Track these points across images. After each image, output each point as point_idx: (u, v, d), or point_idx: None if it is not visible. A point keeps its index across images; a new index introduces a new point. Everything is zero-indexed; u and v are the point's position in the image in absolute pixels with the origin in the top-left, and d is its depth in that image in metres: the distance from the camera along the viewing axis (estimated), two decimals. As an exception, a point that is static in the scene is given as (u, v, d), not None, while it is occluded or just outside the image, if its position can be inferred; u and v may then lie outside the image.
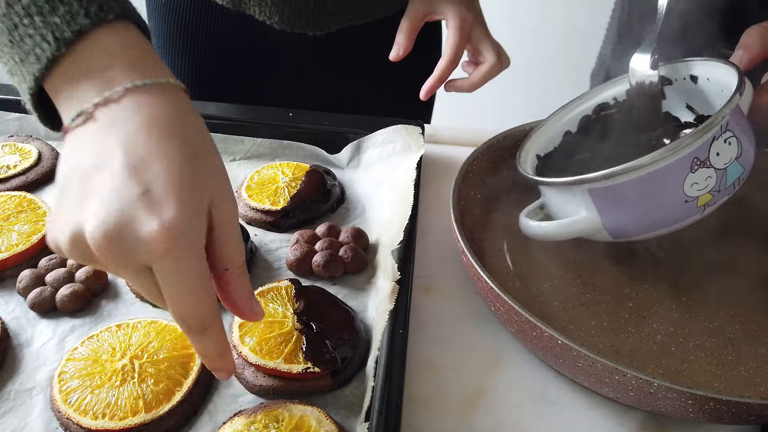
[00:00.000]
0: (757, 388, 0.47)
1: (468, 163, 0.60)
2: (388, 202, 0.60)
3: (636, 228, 0.49)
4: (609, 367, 0.41)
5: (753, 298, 0.54)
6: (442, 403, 0.46)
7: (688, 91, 0.56)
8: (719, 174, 0.47)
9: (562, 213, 0.52)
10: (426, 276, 0.57)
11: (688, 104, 0.57)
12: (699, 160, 0.46)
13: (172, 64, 0.78)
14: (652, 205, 0.48)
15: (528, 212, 0.56)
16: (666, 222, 0.49)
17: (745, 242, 0.60)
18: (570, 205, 0.51)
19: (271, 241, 0.58)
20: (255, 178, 0.63)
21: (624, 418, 0.46)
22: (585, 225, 0.50)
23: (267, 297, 0.49)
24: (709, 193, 0.47)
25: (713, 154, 0.46)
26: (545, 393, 0.48)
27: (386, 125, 0.66)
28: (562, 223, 0.51)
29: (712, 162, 0.46)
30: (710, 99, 0.54)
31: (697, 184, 0.46)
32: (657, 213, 0.48)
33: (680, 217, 0.48)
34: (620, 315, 0.53)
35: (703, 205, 0.48)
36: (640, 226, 0.49)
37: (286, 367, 0.43)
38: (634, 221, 0.49)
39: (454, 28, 0.65)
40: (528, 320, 0.44)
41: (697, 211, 0.48)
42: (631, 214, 0.48)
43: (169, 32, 0.76)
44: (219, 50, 0.75)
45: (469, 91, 0.68)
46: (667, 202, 0.47)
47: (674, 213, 0.48)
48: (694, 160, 0.46)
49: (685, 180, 0.46)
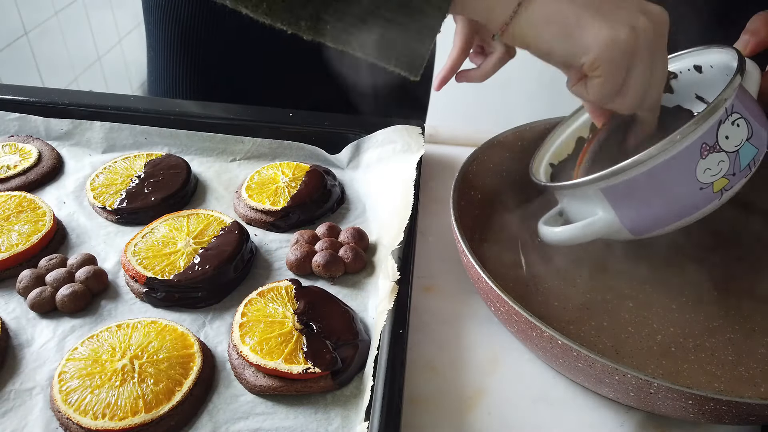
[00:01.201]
0: (757, 389, 0.47)
1: (468, 163, 0.60)
2: (389, 202, 0.60)
3: (655, 222, 0.48)
4: (609, 367, 0.41)
5: (753, 298, 0.54)
6: (442, 403, 0.46)
7: (695, 81, 0.55)
8: (731, 157, 0.46)
9: (580, 217, 0.51)
10: (426, 276, 0.57)
11: (698, 95, 0.56)
12: (708, 145, 0.45)
13: (172, 64, 0.78)
14: (666, 196, 0.47)
15: (546, 219, 0.55)
16: (685, 212, 0.47)
17: (745, 242, 0.60)
18: (586, 207, 0.50)
19: (271, 241, 0.58)
20: (255, 179, 0.63)
21: (624, 419, 0.46)
22: (603, 225, 0.49)
23: (267, 297, 0.49)
24: (723, 178, 0.46)
25: (722, 138, 0.45)
26: (545, 393, 0.48)
27: (386, 125, 0.66)
28: (579, 225, 0.50)
29: (722, 145, 0.45)
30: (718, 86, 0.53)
31: (709, 169, 0.45)
32: (673, 204, 0.47)
33: (698, 205, 0.47)
34: (620, 315, 0.53)
35: (719, 191, 0.46)
36: (659, 220, 0.48)
37: (287, 367, 0.43)
38: (651, 215, 0.48)
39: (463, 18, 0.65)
40: (528, 320, 0.44)
41: (715, 197, 0.47)
42: (648, 209, 0.47)
43: (169, 32, 0.76)
44: (220, 50, 0.75)
45: (480, 80, 0.67)
46: (682, 191, 0.46)
47: (691, 202, 0.47)
48: (703, 145, 0.45)
49: (697, 166, 0.45)
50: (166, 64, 0.78)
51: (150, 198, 0.60)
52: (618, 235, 0.50)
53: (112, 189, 0.61)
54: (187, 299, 0.50)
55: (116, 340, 0.45)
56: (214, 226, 0.56)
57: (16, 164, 0.63)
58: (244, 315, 0.48)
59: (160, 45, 0.78)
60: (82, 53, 1.75)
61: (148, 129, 0.68)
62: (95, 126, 0.68)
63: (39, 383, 0.44)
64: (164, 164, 0.63)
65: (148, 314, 0.50)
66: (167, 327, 0.47)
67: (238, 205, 0.61)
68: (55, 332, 0.48)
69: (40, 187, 0.63)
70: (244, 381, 0.44)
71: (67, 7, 1.65)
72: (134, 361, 0.43)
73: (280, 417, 0.43)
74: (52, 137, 0.68)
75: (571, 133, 0.61)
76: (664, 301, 0.54)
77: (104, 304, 0.51)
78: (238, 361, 0.45)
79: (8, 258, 0.52)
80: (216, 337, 0.49)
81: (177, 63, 0.77)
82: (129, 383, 0.42)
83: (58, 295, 0.49)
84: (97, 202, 0.60)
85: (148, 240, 0.54)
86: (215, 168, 0.67)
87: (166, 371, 0.43)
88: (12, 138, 0.67)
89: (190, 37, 0.75)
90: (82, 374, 0.43)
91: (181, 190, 0.61)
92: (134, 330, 0.46)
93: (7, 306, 0.50)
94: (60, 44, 1.65)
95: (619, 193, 0.47)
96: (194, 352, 0.45)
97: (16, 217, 0.55)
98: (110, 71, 1.89)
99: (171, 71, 0.78)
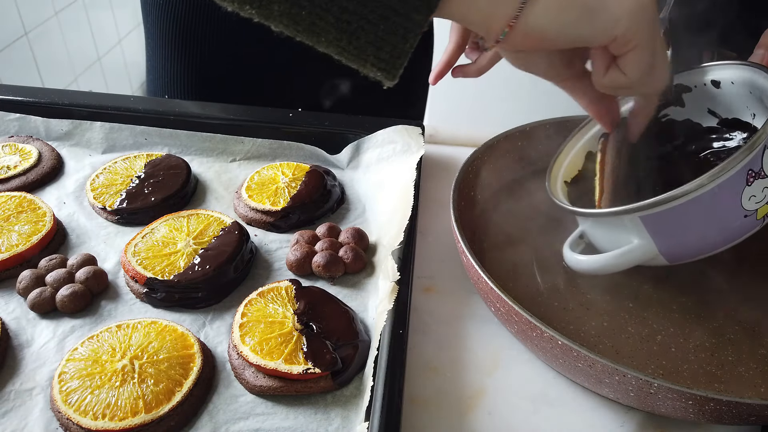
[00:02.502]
0: (757, 389, 0.47)
1: (468, 163, 0.60)
2: (389, 202, 0.60)
3: (695, 250, 0.47)
4: (609, 367, 0.41)
5: (753, 298, 0.54)
6: (442, 403, 0.46)
7: (709, 96, 0.54)
8: None
9: (608, 242, 0.50)
10: (426, 276, 0.57)
11: (710, 109, 0.55)
12: (753, 171, 0.44)
13: (169, 64, 0.78)
14: (710, 225, 0.45)
15: (571, 244, 0.53)
16: (726, 240, 0.46)
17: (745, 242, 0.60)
18: (617, 234, 0.48)
19: (272, 241, 0.58)
20: (255, 179, 0.63)
21: (624, 419, 0.46)
22: (640, 253, 0.47)
23: (267, 297, 0.49)
24: (767, 204, 0.45)
25: (766, 163, 0.44)
26: (545, 393, 0.47)
27: (386, 126, 0.66)
28: (616, 254, 0.48)
29: (767, 171, 0.45)
30: (734, 102, 0.53)
31: (755, 196, 0.44)
32: (716, 232, 0.46)
33: (741, 233, 0.46)
34: (620, 315, 0.53)
35: (763, 217, 0.46)
36: (699, 248, 0.47)
37: (287, 367, 0.43)
38: (692, 244, 0.47)
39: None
40: (528, 321, 0.44)
41: (758, 224, 0.46)
42: (689, 237, 0.46)
43: (167, 32, 0.76)
44: (219, 50, 0.75)
45: (476, 75, 0.67)
46: (726, 219, 0.45)
47: (734, 230, 0.46)
48: (749, 172, 0.44)
49: (743, 194, 0.44)
50: (164, 62, 0.78)
51: (150, 198, 0.60)
52: (652, 262, 0.49)
53: (112, 189, 0.61)
54: (187, 299, 0.50)
55: (116, 340, 0.45)
56: (214, 226, 0.56)
57: (16, 164, 0.63)
58: (244, 315, 0.48)
59: (158, 43, 0.78)
60: (82, 53, 1.76)
61: (148, 129, 0.68)
62: (95, 126, 0.68)
63: (39, 384, 0.44)
64: (164, 164, 0.64)
65: (148, 314, 0.50)
66: (167, 327, 0.47)
67: (238, 205, 0.61)
68: (55, 332, 0.48)
69: (40, 188, 0.63)
70: (244, 381, 0.44)
71: (67, 8, 1.66)
72: (134, 362, 0.43)
73: (280, 417, 0.43)
74: (52, 137, 0.68)
75: (579, 149, 0.59)
76: (664, 301, 0.54)
77: (104, 305, 0.51)
78: (238, 361, 0.45)
79: (8, 258, 0.52)
80: (216, 337, 0.49)
81: (174, 60, 0.77)
82: (129, 384, 0.42)
83: (58, 295, 0.49)
84: (97, 203, 0.60)
85: (148, 240, 0.54)
86: (215, 168, 0.67)
87: (166, 371, 0.43)
88: (12, 138, 0.67)
89: (186, 34, 0.75)
90: (82, 375, 0.43)
91: (181, 191, 0.61)
92: (134, 330, 0.46)
93: (7, 306, 0.50)
94: (60, 44, 1.65)
95: (660, 222, 0.46)
96: (194, 353, 0.45)
97: (16, 218, 0.55)
98: (110, 71, 1.89)
99: (169, 68, 0.78)
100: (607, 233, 0.50)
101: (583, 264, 0.50)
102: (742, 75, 0.51)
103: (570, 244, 0.53)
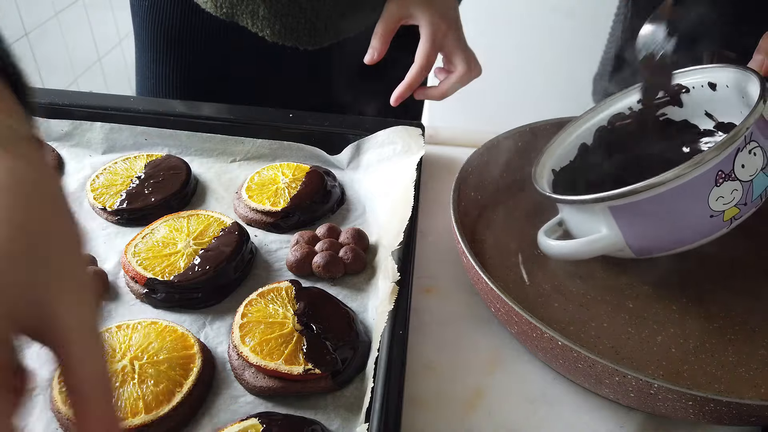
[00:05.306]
0: (758, 390, 0.47)
1: (468, 163, 0.60)
2: (389, 203, 0.60)
3: (660, 245, 0.48)
4: (609, 368, 0.41)
5: (753, 298, 0.54)
6: (442, 404, 0.46)
7: (707, 98, 0.55)
8: (745, 186, 0.45)
9: (582, 230, 0.51)
10: (426, 277, 0.57)
11: (707, 111, 0.55)
12: (723, 173, 0.44)
13: (155, 65, 0.78)
14: (676, 221, 0.46)
15: (546, 230, 0.54)
16: (691, 238, 0.47)
17: (745, 242, 0.60)
18: (590, 223, 0.49)
19: (272, 242, 0.58)
20: (255, 179, 0.63)
21: (624, 420, 0.46)
22: (607, 243, 0.48)
23: (267, 298, 0.49)
24: (735, 207, 0.45)
25: (738, 166, 0.44)
26: (545, 394, 0.47)
27: (386, 126, 0.66)
28: (583, 241, 0.49)
29: (738, 174, 0.44)
30: (730, 106, 0.53)
31: (722, 197, 0.45)
32: (682, 229, 0.46)
33: (706, 233, 0.46)
34: (620, 316, 0.53)
35: (729, 219, 0.46)
36: (665, 243, 0.47)
37: (287, 368, 0.43)
38: (657, 238, 0.47)
39: (426, 36, 0.65)
40: (528, 321, 0.44)
41: (724, 225, 0.46)
42: (655, 231, 0.47)
43: (154, 35, 0.76)
44: (206, 52, 0.75)
45: (438, 99, 0.69)
46: (692, 217, 0.45)
47: (700, 228, 0.46)
48: (719, 173, 0.44)
49: (710, 194, 0.44)
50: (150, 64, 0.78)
51: (150, 199, 0.60)
52: (621, 253, 0.49)
53: (112, 190, 0.61)
54: (187, 300, 0.50)
55: (116, 341, 0.45)
56: (214, 226, 0.56)
57: (16, 165, 0.63)
58: (244, 316, 0.48)
59: (145, 44, 0.78)
60: (83, 54, 1.75)
61: (148, 130, 0.68)
62: (95, 127, 0.68)
63: (39, 384, 0.44)
64: (164, 165, 0.64)
65: (148, 315, 0.50)
66: (167, 328, 0.47)
67: (238, 205, 0.61)
68: (55, 333, 0.48)
69: (40, 188, 0.63)
70: (245, 382, 0.44)
71: (67, 8, 1.65)
72: (134, 362, 0.43)
73: (280, 418, 0.43)
74: (52, 138, 0.68)
75: (573, 140, 0.60)
76: (664, 301, 0.54)
77: (104, 305, 0.51)
78: (239, 362, 0.45)
79: (8, 259, 0.52)
80: (216, 338, 0.49)
81: (161, 62, 0.77)
82: (129, 384, 0.42)
83: (58, 296, 0.49)
84: (97, 203, 0.60)
85: (149, 241, 0.54)
86: (215, 169, 0.67)
87: (166, 372, 0.43)
88: (12, 139, 0.67)
89: (173, 36, 0.74)
90: (82, 375, 0.43)
91: (181, 191, 0.61)
92: (134, 331, 0.46)
93: (7, 307, 0.50)
94: (60, 45, 1.65)
95: (628, 214, 0.46)
96: (194, 353, 0.45)
97: (16, 218, 0.55)
98: (110, 72, 1.89)
99: (155, 70, 0.78)
100: (581, 221, 0.51)
101: (554, 249, 0.52)
102: (736, 79, 0.51)
103: (546, 231, 0.54)
